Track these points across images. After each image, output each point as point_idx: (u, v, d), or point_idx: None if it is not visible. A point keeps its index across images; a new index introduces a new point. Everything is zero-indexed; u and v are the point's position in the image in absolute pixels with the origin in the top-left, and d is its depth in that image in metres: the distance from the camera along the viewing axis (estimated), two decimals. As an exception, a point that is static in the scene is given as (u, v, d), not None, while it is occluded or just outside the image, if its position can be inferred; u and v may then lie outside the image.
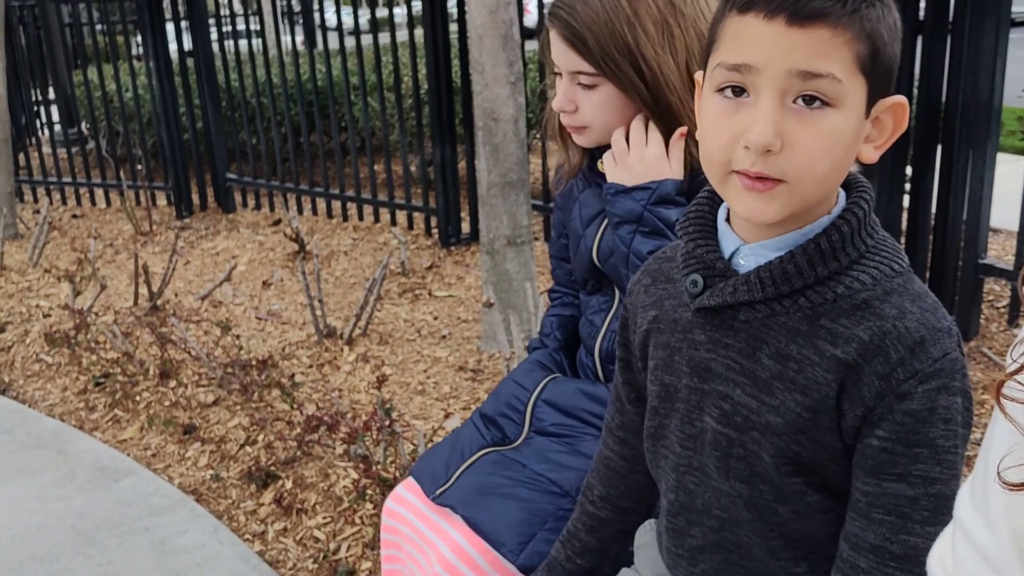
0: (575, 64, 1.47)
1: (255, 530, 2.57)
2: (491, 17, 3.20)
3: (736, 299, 1.00)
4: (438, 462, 1.60)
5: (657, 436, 1.13)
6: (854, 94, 0.92)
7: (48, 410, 3.44)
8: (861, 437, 0.96)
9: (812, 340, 0.97)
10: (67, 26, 7.92)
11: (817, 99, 0.91)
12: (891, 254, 0.99)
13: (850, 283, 0.97)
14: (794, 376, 0.97)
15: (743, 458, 1.02)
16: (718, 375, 1.04)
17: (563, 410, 1.59)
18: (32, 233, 5.62)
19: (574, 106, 1.50)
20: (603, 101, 1.48)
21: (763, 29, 0.91)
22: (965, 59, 3.09)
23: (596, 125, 1.51)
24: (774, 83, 0.91)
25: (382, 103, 5.17)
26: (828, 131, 0.92)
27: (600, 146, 1.56)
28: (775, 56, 0.90)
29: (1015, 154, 5.24)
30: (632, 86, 1.45)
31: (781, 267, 0.97)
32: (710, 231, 1.06)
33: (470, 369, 3.41)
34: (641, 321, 1.15)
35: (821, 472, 1.00)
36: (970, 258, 3.28)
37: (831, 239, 0.96)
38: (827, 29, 0.89)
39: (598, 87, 1.47)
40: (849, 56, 0.90)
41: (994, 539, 0.71)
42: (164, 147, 6.10)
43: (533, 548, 1.41)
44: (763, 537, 1.04)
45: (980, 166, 3.17)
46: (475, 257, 4.60)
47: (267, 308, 4.24)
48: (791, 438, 0.98)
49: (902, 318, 0.94)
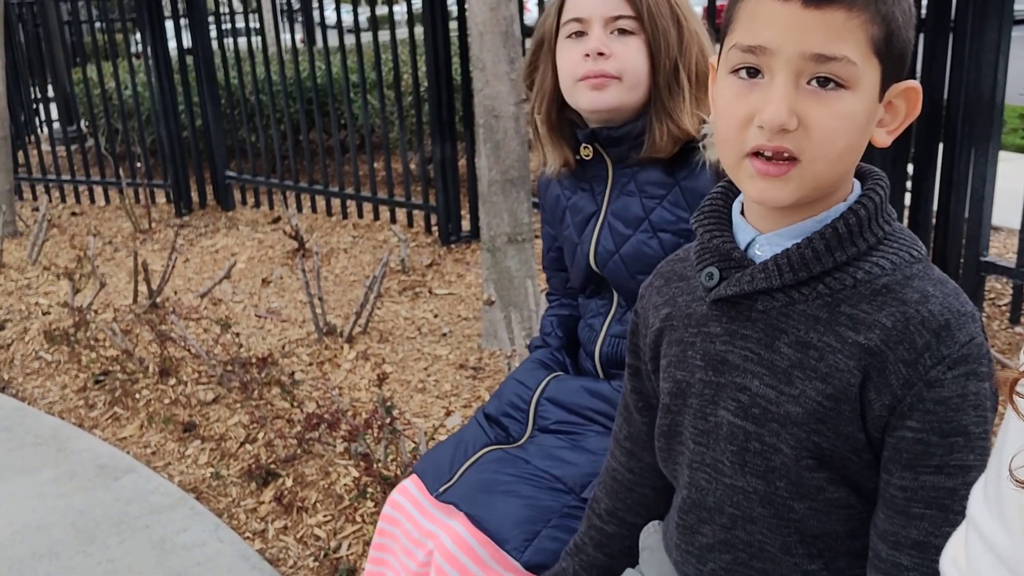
0: (615, 8, 1.48)
1: (255, 528, 2.56)
2: (492, 14, 3.20)
3: (754, 287, 0.98)
4: (442, 460, 1.59)
5: (670, 434, 1.12)
6: (868, 77, 0.92)
7: (48, 408, 3.43)
8: (891, 429, 0.94)
9: (833, 327, 0.96)
10: (66, 24, 7.90)
11: (831, 81, 0.90)
12: (909, 242, 0.99)
13: (869, 268, 0.96)
14: (815, 364, 0.96)
15: (760, 452, 1.01)
16: (735, 367, 1.02)
17: (566, 407, 1.58)
18: (31, 231, 5.61)
19: (609, 51, 1.48)
20: (637, 50, 1.49)
21: (779, 10, 0.90)
22: (967, 57, 3.09)
23: (627, 75, 1.49)
24: (788, 65, 0.91)
25: (382, 100, 5.17)
26: (843, 112, 0.91)
27: (602, 124, 1.55)
28: (790, 38, 0.90)
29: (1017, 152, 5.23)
30: (664, 39, 1.47)
31: (798, 253, 0.96)
32: (725, 224, 1.05)
33: (471, 367, 3.40)
34: (653, 321, 1.14)
35: (842, 466, 0.98)
36: (972, 256, 3.27)
37: (848, 223, 0.96)
38: (842, 11, 0.89)
39: (633, 37, 1.49)
40: (863, 39, 0.90)
41: (1008, 539, 0.70)
42: (163, 145, 6.09)
43: (538, 545, 1.40)
44: (778, 534, 1.03)
45: (982, 164, 3.16)
46: (475, 255, 4.60)
47: (267, 306, 4.23)
48: (811, 428, 0.97)
49: (925, 302, 0.93)
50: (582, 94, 1.51)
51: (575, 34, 1.51)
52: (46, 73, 7.67)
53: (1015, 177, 3.53)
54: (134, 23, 6.61)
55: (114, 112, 6.74)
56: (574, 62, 1.51)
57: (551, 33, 1.57)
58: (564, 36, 1.53)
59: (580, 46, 1.50)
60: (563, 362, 1.72)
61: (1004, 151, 3.39)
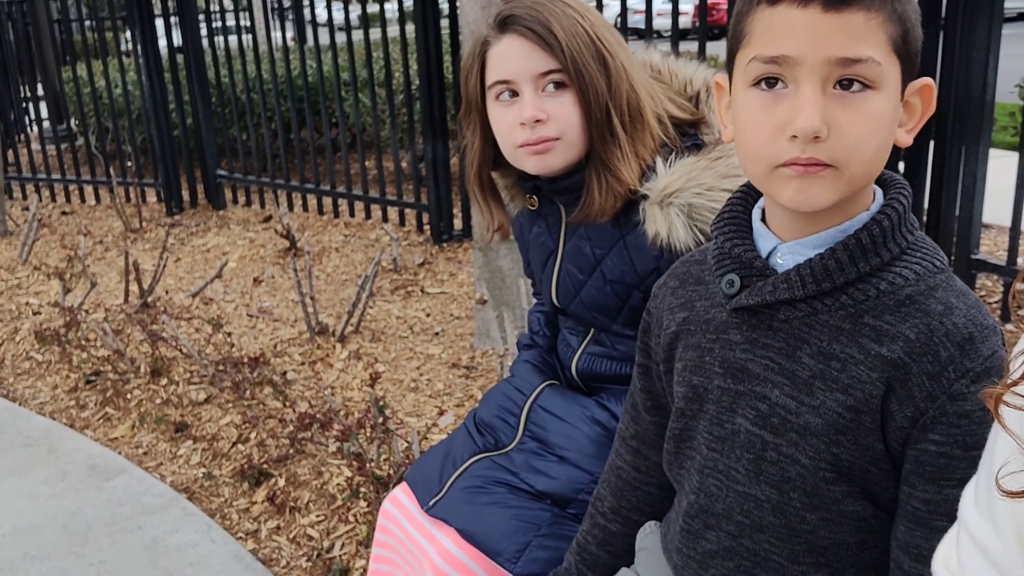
0: (542, 64, 1.40)
1: (248, 528, 2.56)
2: (483, 13, 3.19)
3: (776, 297, 0.97)
4: (432, 470, 1.59)
5: (682, 438, 1.11)
6: (891, 76, 0.91)
7: (39, 408, 3.41)
8: (913, 442, 0.93)
9: (856, 338, 0.95)
10: (56, 22, 7.88)
11: (856, 82, 0.90)
12: (931, 251, 0.98)
13: (893, 279, 0.95)
14: (837, 375, 0.95)
15: (776, 462, 1.00)
16: (755, 375, 1.01)
17: (558, 418, 1.57)
18: (22, 230, 5.58)
19: (546, 114, 1.40)
20: (572, 106, 1.41)
21: (798, 18, 0.89)
22: (957, 55, 3.10)
23: (568, 134, 1.42)
24: (814, 72, 0.89)
25: (373, 99, 5.16)
26: (872, 113, 0.90)
27: (547, 174, 1.47)
28: (813, 44, 0.89)
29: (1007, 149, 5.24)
30: (593, 87, 1.39)
31: (822, 263, 0.95)
32: (745, 231, 1.04)
33: (463, 366, 3.40)
34: (668, 323, 1.13)
35: (860, 477, 0.97)
36: (963, 254, 3.28)
37: (872, 234, 0.95)
38: (861, 12, 0.88)
39: (565, 91, 1.41)
40: (884, 38, 0.90)
41: (999, 541, 0.70)
42: (154, 144, 6.07)
43: (529, 556, 1.40)
44: (787, 543, 1.02)
45: (972, 162, 3.17)
46: (468, 254, 4.59)
47: (258, 305, 4.23)
48: (831, 439, 0.96)
49: (949, 314, 0.92)
50: (525, 160, 1.44)
51: (505, 94, 1.42)
52: (36, 72, 7.64)
53: (1005, 174, 3.53)
54: (124, 21, 6.58)
55: (104, 111, 6.71)
56: (510, 129, 1.43)
57: (475, 93, 1.48)
58: (493, 97, 1.45)
59: (513, 111, 1.42)
60: (554, 365, 1.71)
61: (994, 148, 3.39)
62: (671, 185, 1.37)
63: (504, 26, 1.42)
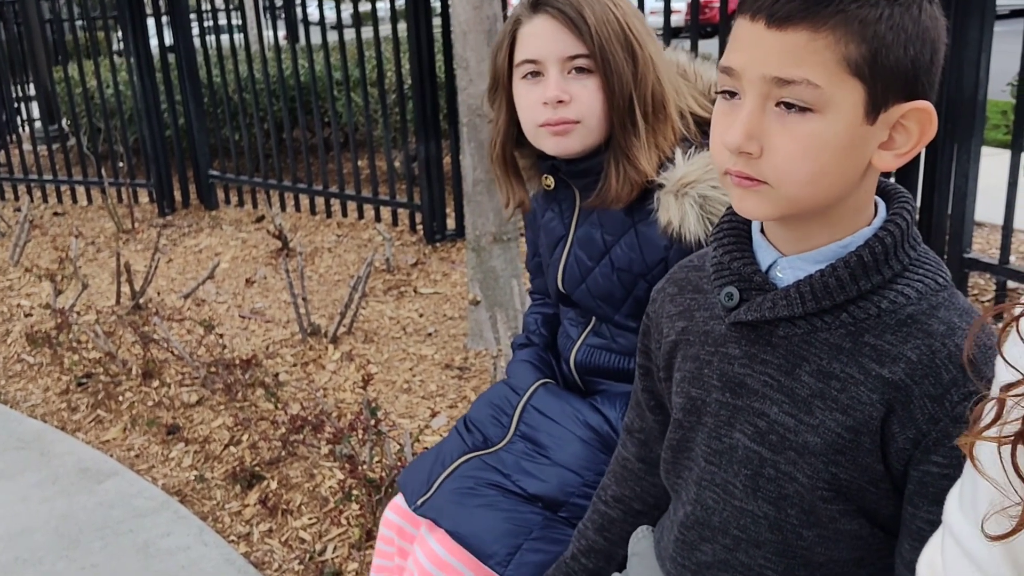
0: (571, 48, 1.43)
1: (240, 531, 2.55)
2: (475, 12, 3.19)
3: (775, 314, 0.96)
4: (421, 472, 1.59)
5: (680, 449, 1.10)
6: (842, 99, 0.87)
7: (30, 411, 3.40)
8: (915, 463, 0.92)
9: (856, 358, 0.94)
10: (48, 22, 7.85)
11: (795, 105, 0.88)
12: (934, 267, 0.96)
13: (894, 297, 0.93)
14: (836, 395, 0.94)
15: (774, 479, 0.99)
16: (754, 391, 1.00)
17: (550, 419, 1.57)
18: (13, 231, 5.57)
19: (568, 96, 1.44)
20: (595, 91, 1.44)
21: (747, 32, 0.90)
22: (950, 54, 3.09)
23: (587, 118, 1.45)
24: (753, 87, 0.90)
25: (365, 98, 5.14)
26: (806, 135, 0.88)
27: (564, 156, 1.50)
28: (754, 60, 0.89)
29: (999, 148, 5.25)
30: (618, 75, 1.42)
31: (822, 281, 0.94)
32: (745, 242, 1.03)
33: (456, 367, 3.39)
34: (668, 331, 1.12)
35: (858, 496, 0.96)
36: (955, 252, 3.28)
37: (874, 251, 0.93)
38: (805, 31, 0.86)
39: (590, 76, 1.44)
40: (832, 59, 0.86)
41: (983, 544, 0.70)
42: (146, 144, 6.05)
43: (520, 559, 1.40)
44: (783, 558, 1.01)
45: (965, 161, 3.17)
46: (461, 254, 4.59)
47: (250, 306, 4.21)
48: (829, 459, 0.95)
49: (952, 335, 0.91)
50: (545, 140, 1.48)
51: (531, 74, 1.46)
52: (27, 71, 7.61)
53: (998, 173, 3.54)
54: (116, 21, 6.57)
55: (96, 111, 6.69)
56: (533, 107, 1.46)
57: (503, 71, 1.51)
58: (519, 76, 1.48)
59: (537, 90, 1.45)
60: (550, 363, 1.71)
61: (987, 147, 3.39)
62: (688, 175, 1.40)
63: (537, 6, 1.46)
